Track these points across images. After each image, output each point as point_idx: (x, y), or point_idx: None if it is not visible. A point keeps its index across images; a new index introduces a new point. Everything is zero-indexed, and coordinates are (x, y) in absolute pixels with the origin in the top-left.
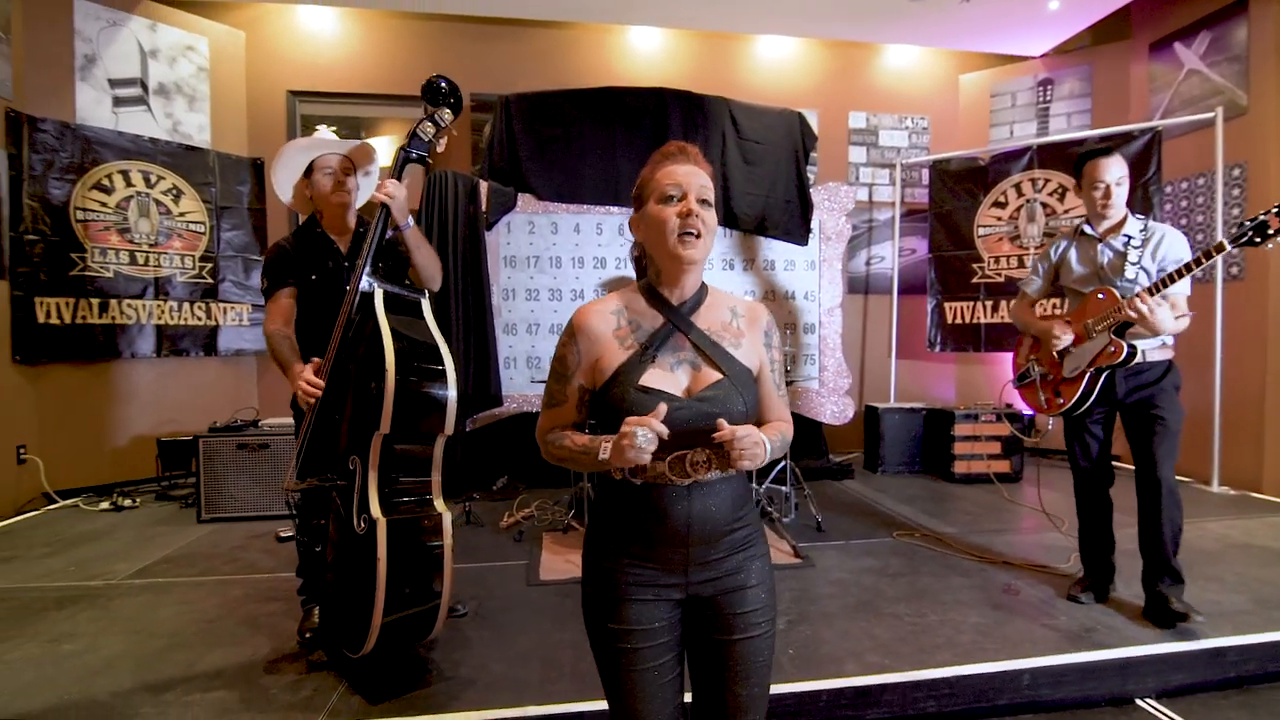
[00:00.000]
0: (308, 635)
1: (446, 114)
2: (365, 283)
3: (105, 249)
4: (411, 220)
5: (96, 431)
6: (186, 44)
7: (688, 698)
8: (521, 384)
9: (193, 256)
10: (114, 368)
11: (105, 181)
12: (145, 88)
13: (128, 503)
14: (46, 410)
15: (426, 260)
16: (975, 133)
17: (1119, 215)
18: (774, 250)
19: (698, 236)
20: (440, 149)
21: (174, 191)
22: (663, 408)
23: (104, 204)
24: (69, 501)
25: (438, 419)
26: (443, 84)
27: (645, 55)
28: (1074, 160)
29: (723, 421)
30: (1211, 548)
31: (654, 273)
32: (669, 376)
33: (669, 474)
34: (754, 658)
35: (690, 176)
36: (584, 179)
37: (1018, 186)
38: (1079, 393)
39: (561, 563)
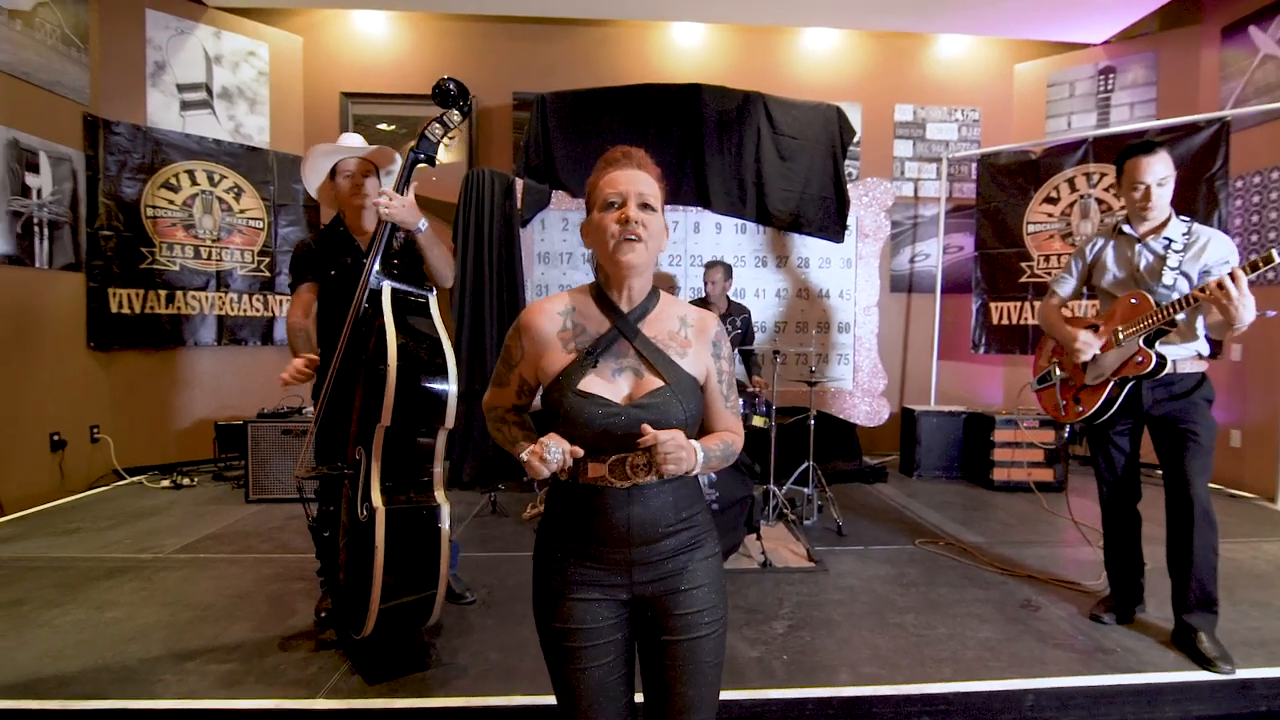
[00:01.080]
0: (323, 615)
1: (455, 115)
2: (374, 279)
3: (172, 244)
4: (424, 223)
5: (161, 414)
6: (248, 50)
7: (641, 698)
8: None
9: (252, 251)
10: (178, 355)
11: (173, 180)
12: (210, 92)
13: (186, 481)
14: (118, 393)
15: (438, 260)
16: (1030, 124)
17: (1160, 217)
18: (809, 247)
19: (638, 242)
20: (448, 148)
21: (235, 190)
22: (579, 450)
23: (171, 201)
24: (135, 479)
25: (438, 412)
26: (451, 86)
27: (687, 51)
28: (1117, 155)
29: (647, 426)
30: (1265, 570)
31: (603, 278)
32: (609, 382)
33: (609, 476)
34: (700, 658)
35: (631, 182)
36: None
37: (1071, 181)
38: (1100, 402)
39: None
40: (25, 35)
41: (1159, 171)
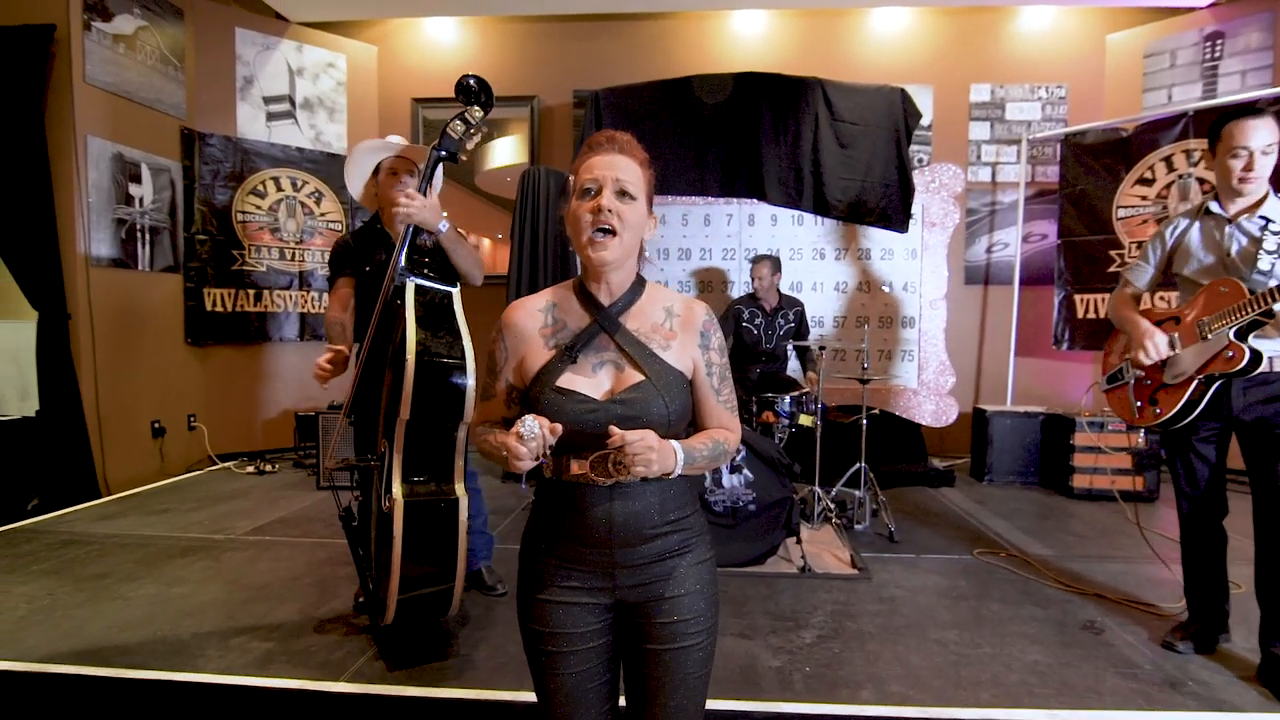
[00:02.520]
0: (360, 600)
1: (477, 112)
2: (399, 276)
3: (259, 246)
4: (445, 225)
5: (250, 404)
6: (328, 61)
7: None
8: None
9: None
10: (265, 349)
11: (260, 187)
12: (293, 102)
13: (268, 468)
14: (211, 385)
15: (464, 260)
16: (1125, 100)
17: (1259, 192)
18: (870, 238)
19: (612, 234)
20: (471, 146)
21: (316, 194)
22: (558, 427)
23: (259, 206)
24: (225, 464)
25: (458, 406)
26: (471, 82)
27: (749, 40)
28: (1210, 124)
29: (613, 427)
30: None
31: (584, 271)
32: (590, 378)
33: (591, 474)
34: (683, 669)
35: (608, 168)
36: (669, 170)
37: (1168, 160)
38: (1181, 403)
39: None
40: (128, 57)
41: (1264, 137)
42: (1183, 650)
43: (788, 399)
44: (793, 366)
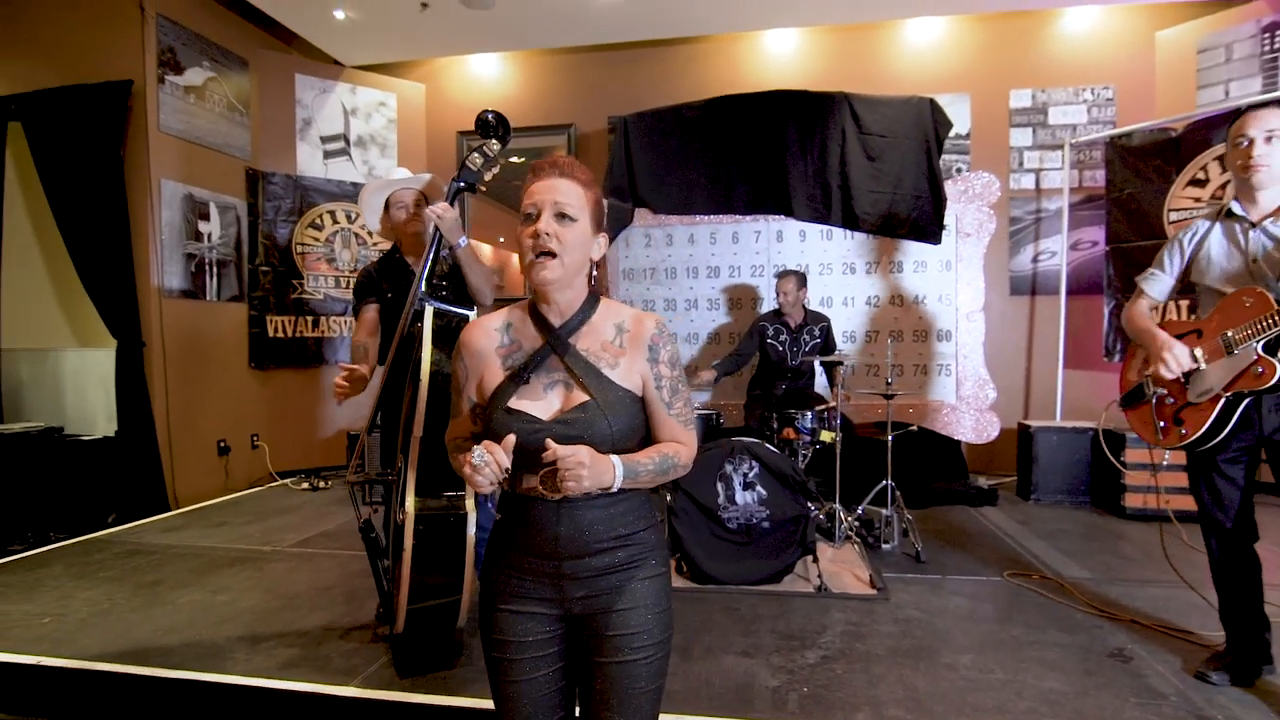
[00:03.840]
0: (381, 611)
1: (495, 145)
2: (419, 301)
3: (317, 276)
4: (465, 240)
5: (308, 424)
6: (379, 101)
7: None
8: None
9: None
10: (322, 372)
11: (318, 220)
12: (347, 141)
13: (322, 484)
14: (273, 406)
15: (477, 277)
16: (1177, 98)
17: (1271, 184)
18: (902, 251)
19: (551, 256)
20: (489, 177)
21: (368, 226)
22: (511, 439)
23: (316, 239)
24: (284, 481)
25: None
26: (490, 117)
27: (780, 58)
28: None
29: (550, 441)
30: None
31: (535, 292)
32: (540, 398)
33: (540, 488)
34: (629, 683)
35: (547, 192)
36: (696, 190)
37: (1222, 160)
38: (1208, 423)
39: None
40: (198, 106)
41: (1267, 122)
42: (1216, 681)
43: (809, 415)
44: (822, 384)
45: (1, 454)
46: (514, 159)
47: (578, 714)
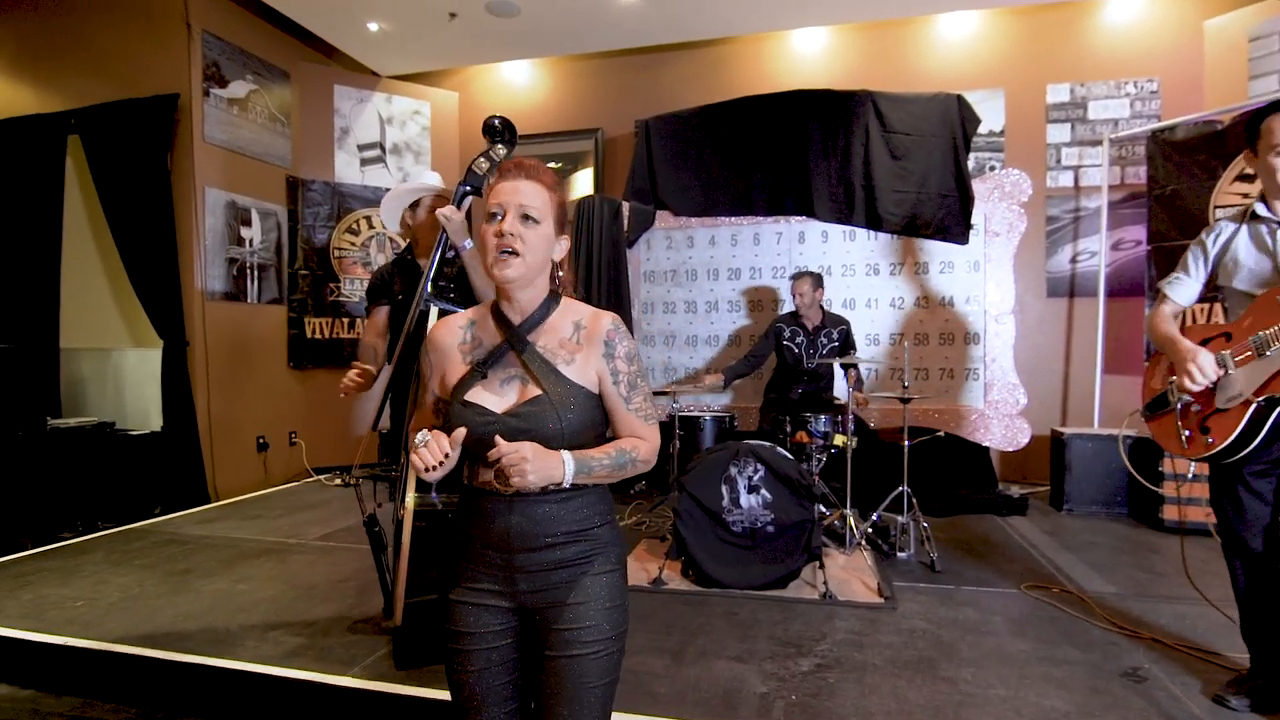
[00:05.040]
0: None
1: (501, 149)
2: (425, 301)
3: (353, 279)
4: (470, 242)
5: (344, 422)
6: (414, 109)
7: None
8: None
9: None
10: None
11: (354, 225)
12: (383, 149)
13: (352, 480)
14: (310, 404)
15: (480, 279)
16: (1227, 90)
17: None
18: (928, 252)
19: (514, 255)
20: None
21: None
22: (461, 431)
23: (352, 243)
24: (319, 477)
25: None
26: (496, 122)
27: (810, 58)
28: (1247, 121)
29: (498, 438)
30: None
31: (498, 291)
32: (497, 392)
33: (494, 482)
34: (577, 678)
35: (512, 194)
36: (717, 191)
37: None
38: (1237, 431)
39: (638, 569)
40: (241, 118)
41: None
42: (1236, 706)
43: (823, 419)
44: (843, 388)
45: (57, 447)
46: (551, 165)
47: (532, 707)
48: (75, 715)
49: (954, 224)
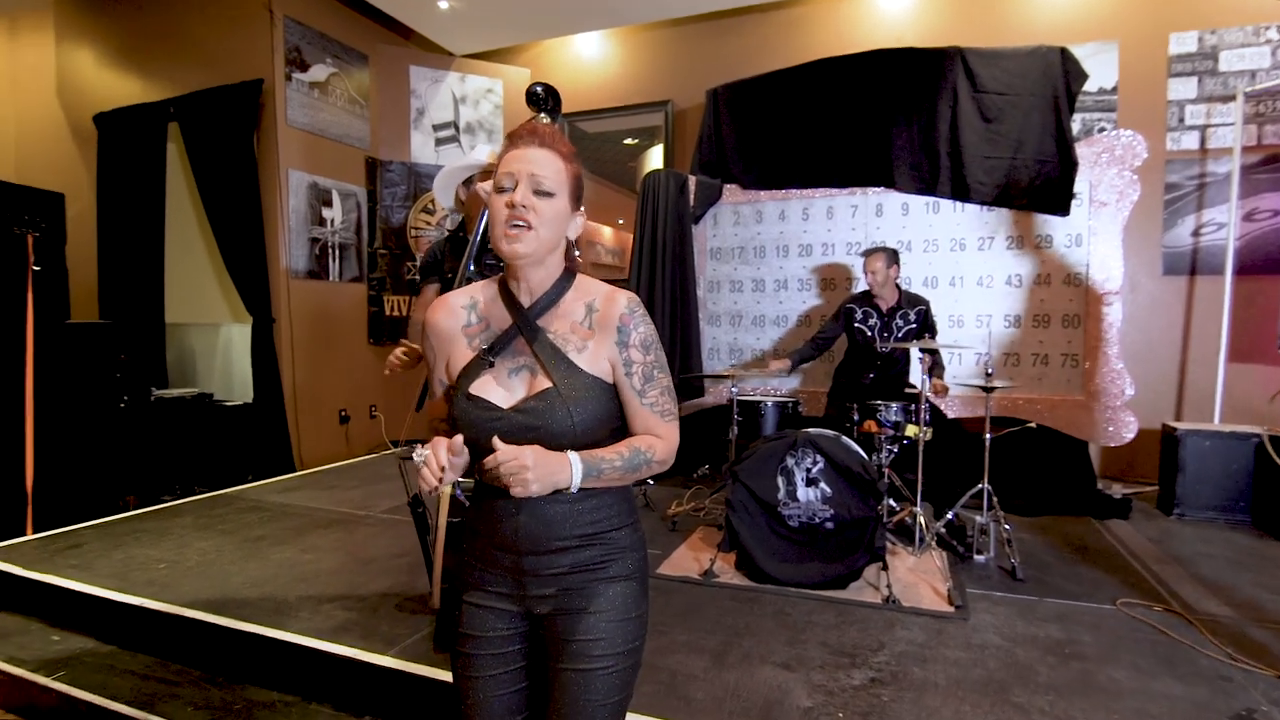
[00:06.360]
0: None
1: (544, 119)
2: (468, 277)
3: None
4: None
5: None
6: (487, 88)
7: None
8: None
9: None
10: None
11: (429, 205)
12: (457, 128)
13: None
14: (390, 379)
15: None
16: None
17: None
18: (1022, 224)
19: (526, 228)
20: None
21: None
22: (458, 439)
23: (428, 222)
24: (396, 450)
25: None
26: (539, 89)
27: (894, 17)
28: None
29: (497, 441)
30: None
31: (507, 268)
32: (505, 383)
33: (495, 473)
34: (584, 694)
35: (524, 163)
36: (789, 162)
37: None
38: None
39: (690, 559)
40: (322, 101)
41: None
42: None
43: (894, 407)
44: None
45: (160, 416)
46: (627, 141)
47: None
48: (146, 674)
49: (1053, 193)
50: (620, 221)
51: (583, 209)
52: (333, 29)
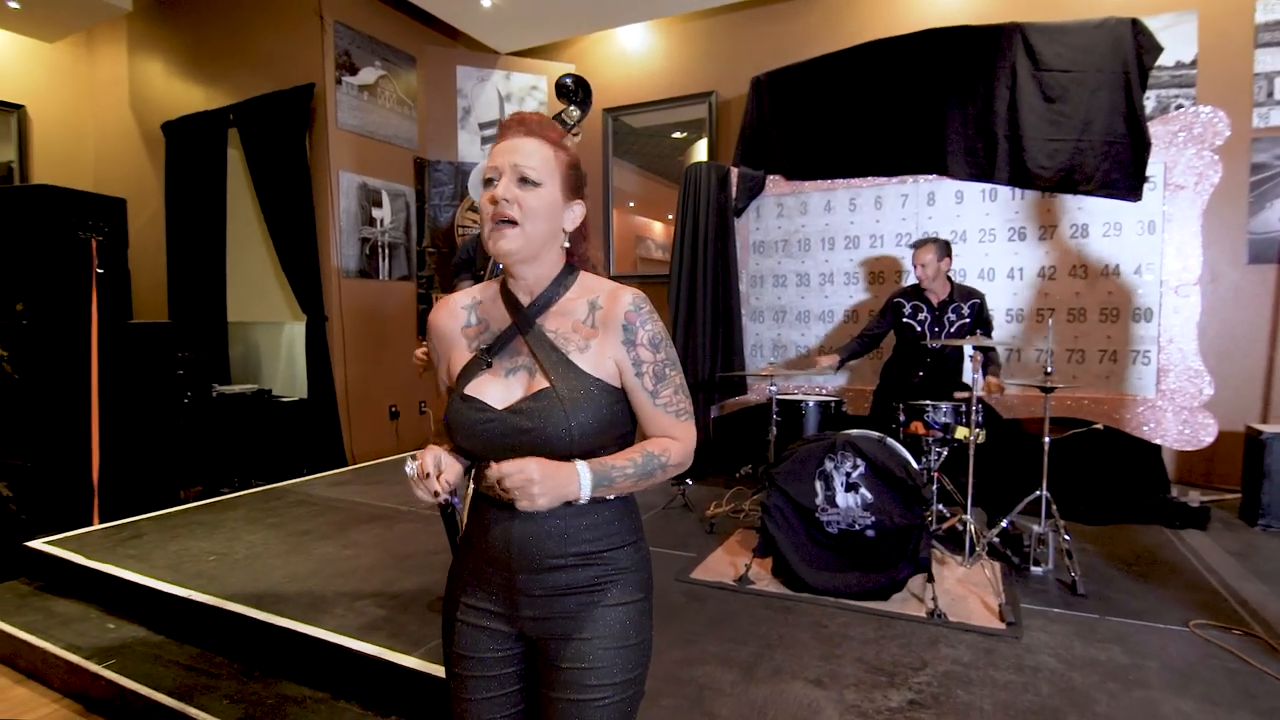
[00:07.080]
0: None
1: (575, 112)
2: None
3: None
4: None
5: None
6: (531, 84)
7: None
8: None
9: None
10: None
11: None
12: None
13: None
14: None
15: None
16: None
17: None
18: (1088, 210)
19: (511, 224)
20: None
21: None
22: (443, 454)
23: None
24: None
25: None
26: (569, 81)
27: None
28: None
29: (493, 465)
30: None
31: (505, 267)
32: (500, 385)
33: (496, 487)
34: None
35: (508, 154)
36: (836, 150)
37: None
38: None
39: (726, 564)
40: (370, 103)
41: None
42: None
43: (944, 408)
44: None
45: (221, 412)
46: (675, 135)
47: None
48: (190, 665)
49: (1123, 176)
50: (669, 217)
51: (584, 198)
52: (381, 32)
